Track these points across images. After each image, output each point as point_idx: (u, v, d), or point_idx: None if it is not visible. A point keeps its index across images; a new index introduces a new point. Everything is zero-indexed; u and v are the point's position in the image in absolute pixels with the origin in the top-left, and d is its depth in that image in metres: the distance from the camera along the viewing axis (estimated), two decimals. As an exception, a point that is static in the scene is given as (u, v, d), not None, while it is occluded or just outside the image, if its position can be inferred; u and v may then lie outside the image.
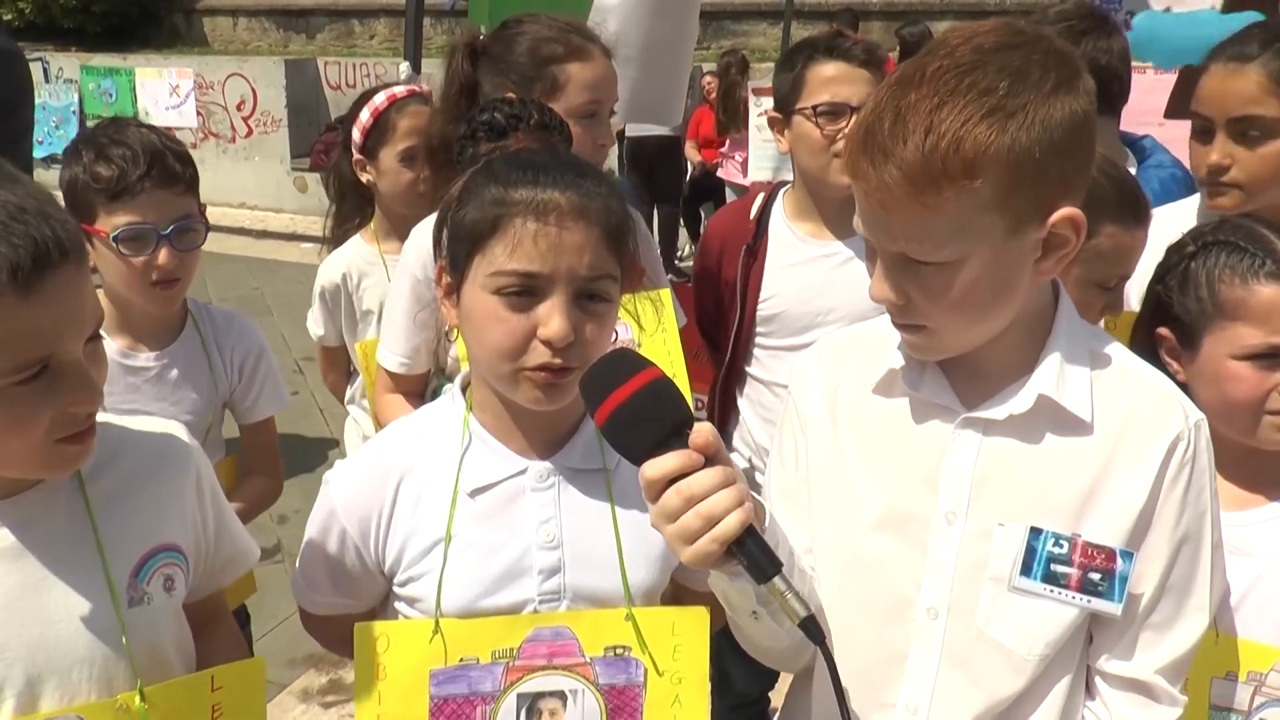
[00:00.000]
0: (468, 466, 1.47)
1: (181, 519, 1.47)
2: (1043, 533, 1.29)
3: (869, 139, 1.21)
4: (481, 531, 1.46)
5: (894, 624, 1.36)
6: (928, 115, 1.17)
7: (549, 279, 1.36)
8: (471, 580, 1.45)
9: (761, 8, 12.58)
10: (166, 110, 12.50)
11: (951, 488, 1.33)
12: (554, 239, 1.36)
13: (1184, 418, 1.31)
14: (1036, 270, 1.27)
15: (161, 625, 1.42)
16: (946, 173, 1.16)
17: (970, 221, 1.19)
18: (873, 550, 1.37)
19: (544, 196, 1.37)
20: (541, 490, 1.47)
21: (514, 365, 1.38)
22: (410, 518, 1.48)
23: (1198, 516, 1.31)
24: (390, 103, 2.83)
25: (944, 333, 1.29)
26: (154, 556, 1.41)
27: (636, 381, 1.17)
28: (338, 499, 1.51)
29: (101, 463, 1.39)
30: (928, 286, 1.25)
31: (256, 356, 2.31)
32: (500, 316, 1.37)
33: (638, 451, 1.16)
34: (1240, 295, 1.58)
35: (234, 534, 1.60)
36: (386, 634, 1.43)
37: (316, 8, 15.80)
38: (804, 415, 1.46)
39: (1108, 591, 1.28)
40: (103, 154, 1.98)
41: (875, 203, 1.22)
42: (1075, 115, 1.20)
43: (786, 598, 1.12)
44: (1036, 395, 1.30)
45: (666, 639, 1.45)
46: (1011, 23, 1.25)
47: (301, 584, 1.60)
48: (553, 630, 1.43)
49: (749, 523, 1.12)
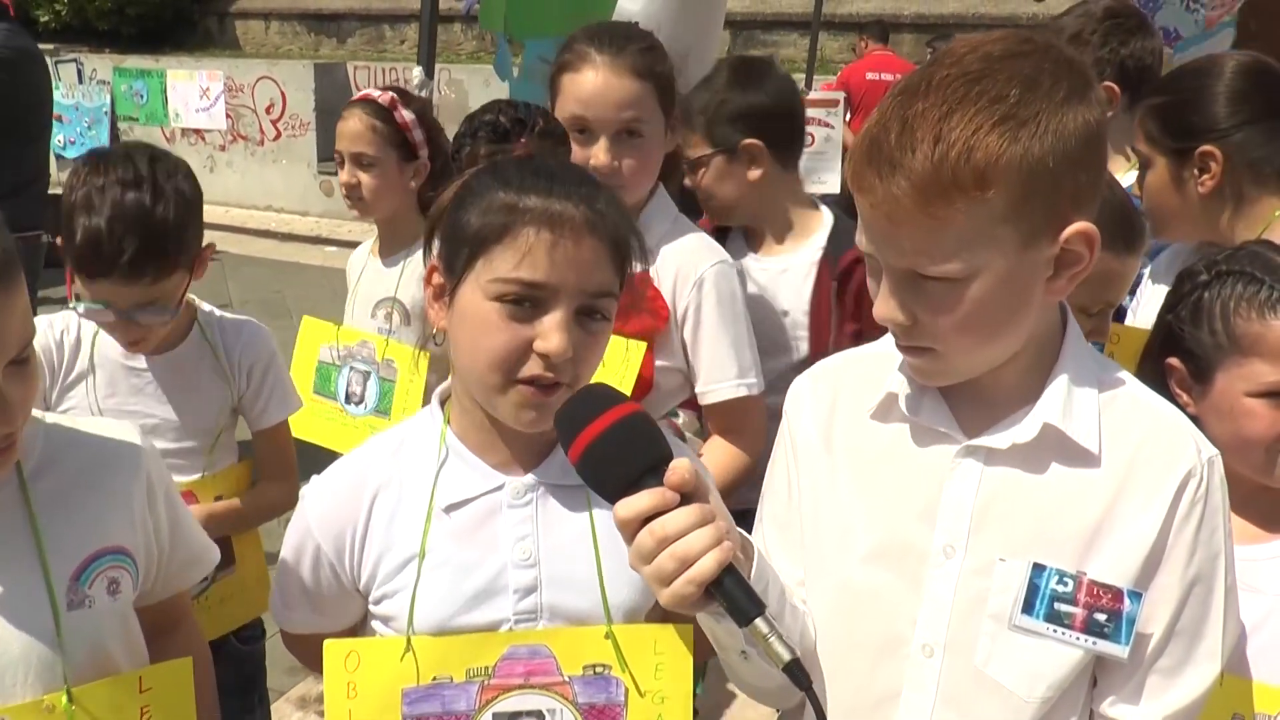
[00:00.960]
0: (443, 482, 1.43)
1: (129, 521, 1.44)
2: (1046, 569, 1.22)
3: (875, 150, 1.16)
4: (456, 549, 1.41)
5: (888, 661, 1.29)
6: (936, 124, 1.12)
7: (554, 291, 1.32)
8: (445, 598, 1.40)
9: (792, 18, 12.52)
10: (196, 112, 12.62)
11: (950, 519, 1.27)
12: (566, 252, 1.31)
13: (1197, 453, 1.24)
14: (1048, 290, 1.21)
15: (104, 629, 1.40)
16: (957, 183, 1.11)
17: (981, 234, 1.14)
18: (866, 584, 1.30)
19: (558, 207, 1.32)
20: (518, 507, 1.42)
21: (505, 377, 1.33)
22: (384, 534, 1.43)
23: (1210, 558, 1.24)
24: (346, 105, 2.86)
25: (951, 355, 1.23)
26: (98, 559, 1.39)
27: (610, 416, 1.14)
28: (312, 516, 1.47)
29: (45, 463, 1.37)
30: (935, 304, 1.19)
31: (266, 362, 2.29)
32: (498, 325, 1.32)
33: (611, 489, 1.13)
34: (1257, 330, 1.52)
35: (190, 537, 1.57)
36: (356, 651, 1.38)
37: (348, 12, 15.89)
38: (796, 441, 1.40)
39: (1114, 633, 1.21)
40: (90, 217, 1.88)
41: (881, 215, 1.17)
42: (1089, 125, 1.15)
43: (770, 641, 1.07)
44: (1041, 424, 1.23)
45: (648, 657, 1.39)
46: (1019, 32, 1.20)
47: (279, 603, 1.56)
48: (529, 648, 1.38)
49: (726, 563, 1.08)
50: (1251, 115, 2.07)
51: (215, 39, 16.98)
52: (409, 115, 2.78)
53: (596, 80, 2.08)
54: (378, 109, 2.78)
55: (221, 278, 9.46)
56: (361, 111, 2.78)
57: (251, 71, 12.59)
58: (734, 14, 12.79)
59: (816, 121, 6.27)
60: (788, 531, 1.40)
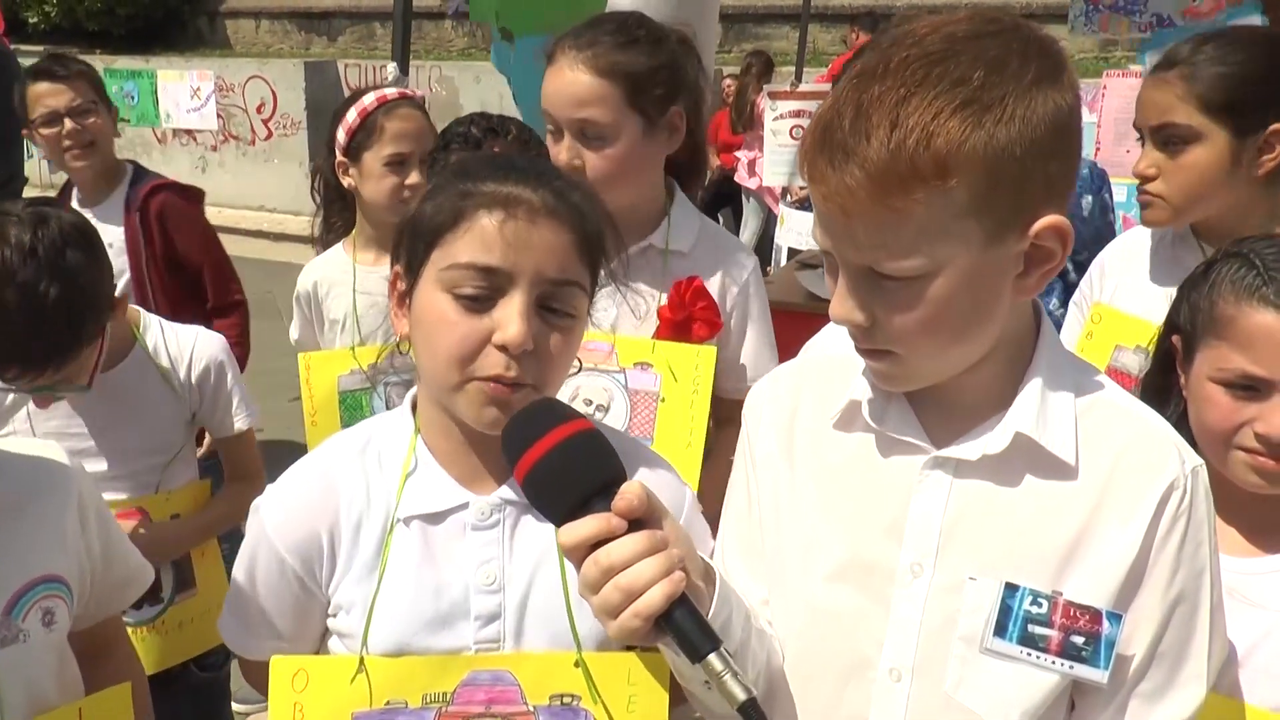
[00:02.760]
0: (409, 493, 1.34)
1: (62, 546, 1.39)
2: (1019, 589, 1.15)
3: (827, 137, 1.08)
4: (418, 567, 1.33)
5: (853, 685, 1.22)
6: (893, 109, 1.04)
7: (509, 276, 1.24)
8: (403, 618, 1.31)
9: (783, 10, 12.44)
10: (187, 113, 12.50)
11: (918, 536, 1.19)
12: (519, 233, 1.23)
13: (1180, 463, 1.16)
14: (1017, 288, 1.13)
15: (39, 663, 1.34)
16: (916, 172, 1.03)
17: (943, 227, 1.06)
18: (830, 604, 1.23)
19: (513, 190, 1.26)
20: (484, 528, 1.34)
21: (463, 374, 1.25)
22: (351, 541, 1.34)
23: (1194, 575, 1.16)
24: (379, 104, 2.69)
25: (914, 359, 1.15)
26: (31, 590, 1.34)
27: (557, 435, 1.07)
28: (272, 526, 1.36)
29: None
30: (895, 303, 1.11)
31: (217, 372, 2.23)
32: (452, 318, 1.24)
33: (556, 514, 1.06)
34: (1231, 314, 1.44)
35: (125, 556, 1.52)
36: (305, 670, 1.30)
37: (338, 10, 15.81)
38: (755, 453, 1.32)
39: (1092, 657, 1.13)
40: None
41: (835, 208, 1.08)
42: (1060, 110, 1.07)
43: (724, 679, 1.00)
44: (1013, 433, 1.16)
45: (621, 687, 1.30)
46: (986, 10, 1.11)
47: (234, 627, 1.44)
48: (492, 674, 1.29)
49: (676, 596, 1.01)
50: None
51: (206, 39, 16.90)
52: None
53: (559, 77, 2.01)
54: (417, 103, 2.72)
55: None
56: (412, 109, 2.69)
57: (242, 71, 12.52)
58: (726, 6, 12.67)
59: (807, 114, 6.21)
60: (750, 549, 1.32)
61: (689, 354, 2.02)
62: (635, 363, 2.03)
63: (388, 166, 2.65)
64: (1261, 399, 1.41)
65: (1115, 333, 2.06)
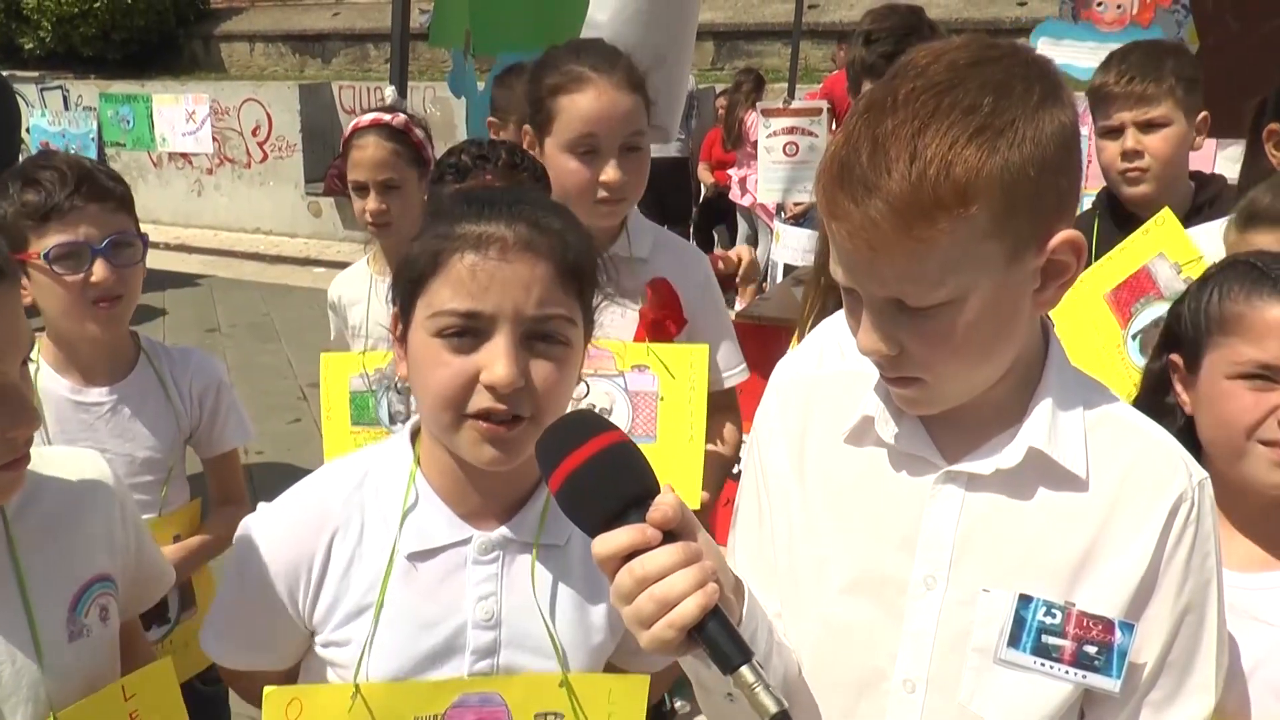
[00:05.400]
0: (409, 528, 1.36)
1: (110, 547, 1.46)
2: (1033, 601, 1.16)
3: (846, 173, 1.09)
4: (416, 602, 1.35)
5: (868, 697, 1.23)
6: (910, 140, 1.06)
7: (491, 318, 1.26)
8: (399, 654, 1.34)
9: (775, 28, 12.51)
10: (183, 136, 12.58)
11: (931, 549, 1.20)
12: (494, 273, 1.26)
13: (1187, 476, 1.18)
14: (1035, 302, 1.15)
15: (99, 656, 1.42)
16: (939, 201, 1.05)
17: (968, 253, 1.07)
18: (844, 617, 1.24)
19: (486, 229, 1.27)
20: (483, 564, 1.36)
21: (456, 414, 1.28)
22: (342, 577, 1.37)
23: (1202, 585, 1.17)
24: (353, 131, 2.78)
25: (943, 383, 1.16)
26: (89, 588, 1.41)
27: (593, 446, 1.07)
28: (263, 546, 1.39)
29: (28, 498, 1.37)
30: (924, 333, 1.12)
31: (216, 390, 2.25)
32: (441, 360, 1.27)
33: (591, 524, 1.06)
34: (1241, 310, 1.47)
35: (153, 556, 1.59)
36: (299, 699, 1.32)
37: (332, 32, 15.87)
38: (766, 468, 1.33)
39: (1105, 667, 1.15)
40: (29, 180, 1.92)
41: (862, 244, 1.09)
42: (1064, 127, 1.10)
43: (755, 691, 1.00)
44: (1027, 448, 1.17)
45: (601, 706, 1.35)
46: (980, 37, 1.15)
47: (213, 638, 1.48)
48: (481, 696, 1.33)
49: (710, 607, 1.01)
50: None
51: (201, 62, 16.95)
52: (420, 133, 2.77)
53: (601, 99, 2.08)
54: (392, 131, 2.74)
55: (210, 302, 9.40)
56: (378, 137, 2.73)
57: (237, 94, 12.55)
58: (717, 24, 12.80)
59: (800, 131, 6.24)
60: (760, 562, 1.33)
61: (683, 354, 2.11)
62: (632, 365, 2.11)
63: (354, 192, 2.77)
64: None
65: (1167, 241, 2.10)
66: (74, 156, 2.00)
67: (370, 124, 2.75)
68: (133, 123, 12.74)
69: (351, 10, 16.04)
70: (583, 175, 2.10)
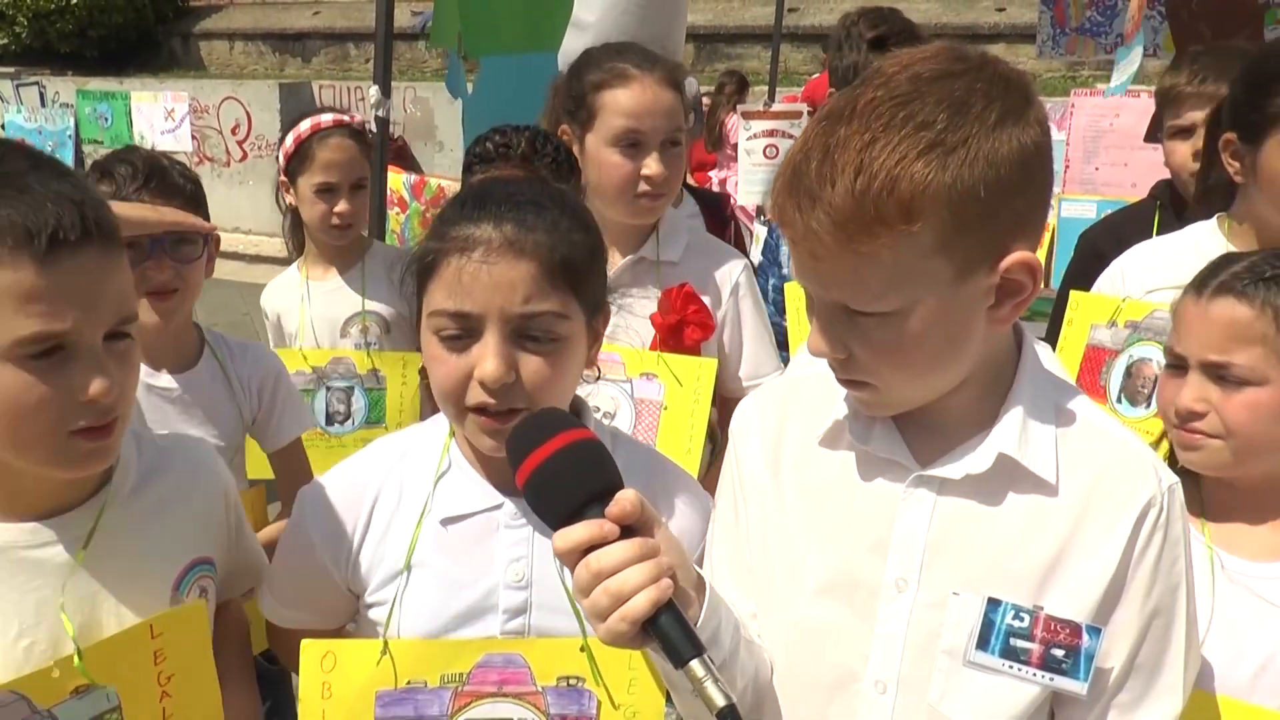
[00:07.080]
0: (443, 494, 1.45)
1: (213, 532, 1.52)
2: (1002, 604, 1.18)
3: (796, 180, 1.10)
4: (449, 563, 1.42)
5: (840, 698, 1.25)
6: (858, 153, 1.06)
7: (479, 318, 1.32)
8: (434, 613, 1.41)
9: (755, 30, 12.54)
10: (161, 134, 12.45)
11: (903, 552, 1.22)
12: (479, 275, 1.31)
13: (1157, 481, 1.20)
14: (991, 319, 1.16)
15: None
16: (880, 217, 1.05)
17: (911, 269, 1.08)
18: (816, 619, 1.26)
19: (473, 232, 1.33)
20: (515, 527, 1.42)
21: (456, 407, 1.36)
22: (380, 540, 1.45)
23: (1170, 589, 1.20)
24: (313, 131, 2.77)
25: (890, 389, 1.19)
26: (192, 569, 1.46)
27: (558, 441, 1.11)
28: (310, 515, 1.49)
29: (145, 477, 1.44)
30: (869, 339, 1.14)
31: (275, 380, 2.32)
32: (440, 358, 1.35)
33: (553, 518, 1.09)
34: None
35: (250, 545, 1.64)
36: (333, 652, 1.40)
37: (312, 31, 15.79)
38: (743, 469, 1.35)
39: (1072, 669, 1.17)
40: (105, 172, 2.02)
41: (805, 251, 1.12)
42: (1025, 149, 1.09)
43: (704, 685, 1.02)
44: (996, 454, 1.19)
45: (623, 672, 1.39)
46: (956, 47, 1.14)
47: (269, 598, 1.58)
48: (504, 656, 1.39)
49: (662, 602, 1.03)
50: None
51: (179, 60, 16.83)
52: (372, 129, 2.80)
53: (646, 94, 2.14)
54: (354, 130, 2.79)
55: (187, 301, 9.35)
56: (344, 138, 2.75)
57: (216, 92, 12.46)
58: (697, 27, 12.79)
59: (780, 134, 6.25)
60: (737, 563, 1.35)
61: (692, 365, 2.15)
62: (641, 373, 2.16)
63: (318, 194, 2.76)
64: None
65: (1090, 314, 2.15)
66: (152, 153, 2.10)
67: (334, 124, 2.77)
68: (111, 120, 12.63)
69: (332, 9, 15.97)
70: (626, 169, 2.14)
